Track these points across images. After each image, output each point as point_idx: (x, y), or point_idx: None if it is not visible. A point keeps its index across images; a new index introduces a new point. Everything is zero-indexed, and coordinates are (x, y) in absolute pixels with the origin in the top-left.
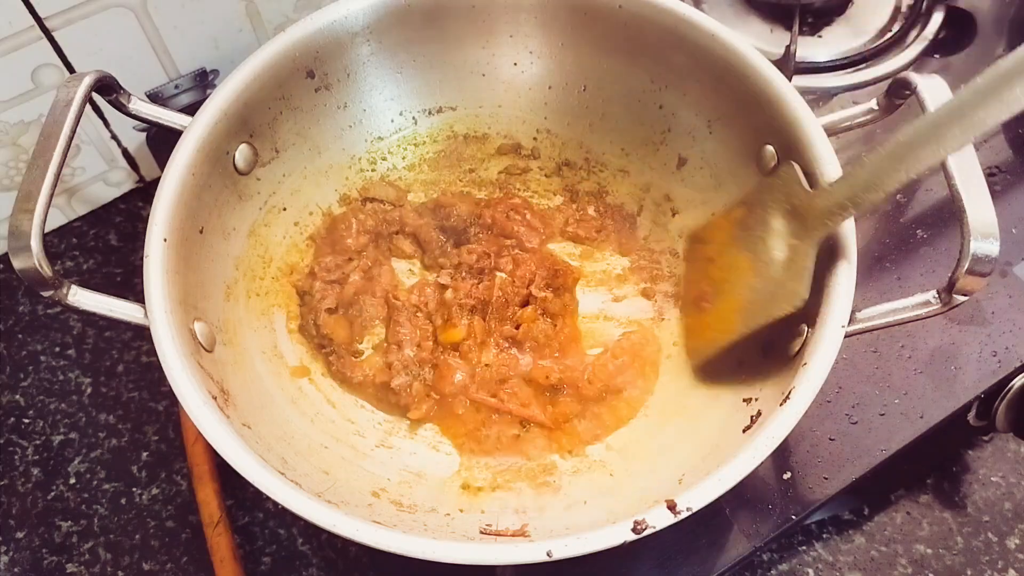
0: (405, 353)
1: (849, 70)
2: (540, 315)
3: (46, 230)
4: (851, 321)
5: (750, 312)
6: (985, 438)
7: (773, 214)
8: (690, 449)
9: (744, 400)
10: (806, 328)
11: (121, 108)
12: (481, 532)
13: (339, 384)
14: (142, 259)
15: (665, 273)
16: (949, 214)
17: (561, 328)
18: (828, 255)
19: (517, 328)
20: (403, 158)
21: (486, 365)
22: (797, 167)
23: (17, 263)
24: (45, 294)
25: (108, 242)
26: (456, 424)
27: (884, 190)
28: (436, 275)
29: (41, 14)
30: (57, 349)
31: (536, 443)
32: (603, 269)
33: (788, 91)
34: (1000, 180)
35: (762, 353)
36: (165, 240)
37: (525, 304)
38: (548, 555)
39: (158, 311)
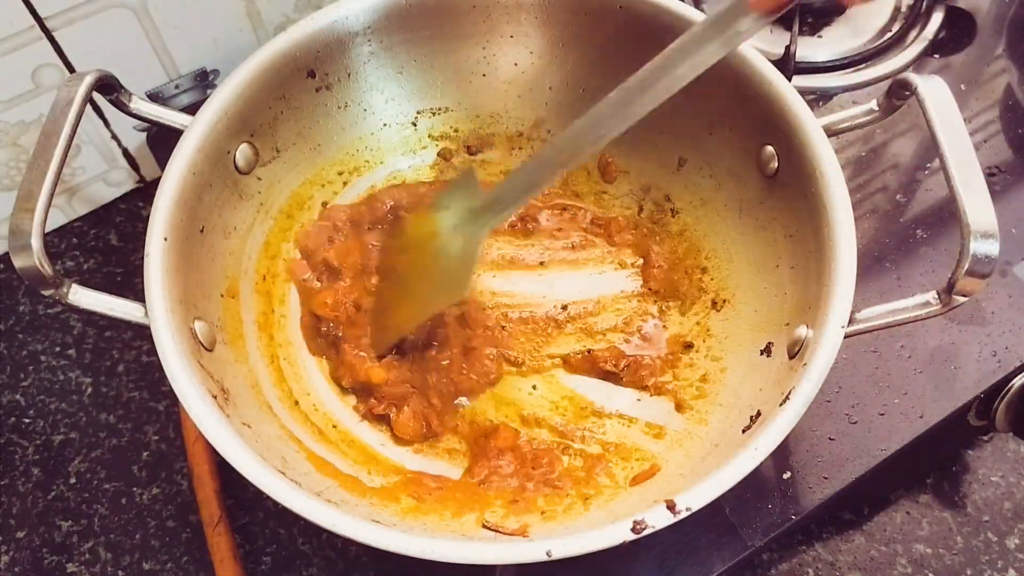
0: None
1: (849, 70)
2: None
3: (47, 230)
4: (851, 322)
5: (424, 303)
6: (985, 438)
7: (453, 211)
8: (690, 449)
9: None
10: (806, 328)
11: (122, 107)
12: (483, 527)
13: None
14: (142, 259)
15: (665, 274)
16: (949, 214)
17: None
18: (828, 255)
19: None
20: (404, 158)
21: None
22: (474, 170)
23: (18, 262)
24: (46, 293)
25: (108, 242)
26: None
27: (537, 189)
28: None
29: (41, 14)
30: (57, 349)
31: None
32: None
33: (788, 91)
34: (1000, 180)
35: (762, 353)
36: (166, 239)
37: None
38: (548, 555)
39: (158, 310)
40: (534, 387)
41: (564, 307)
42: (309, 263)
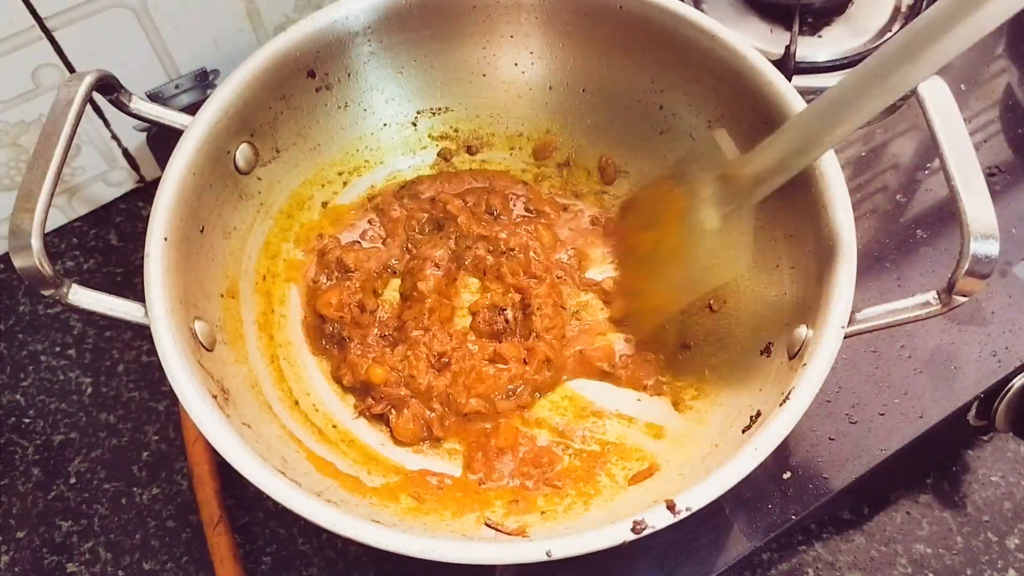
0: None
1: (849, 70)
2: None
3: (46, 230)
4: (851, 322)
5: (689, 282)
6: (985, 438)
7: (703, 183)
8: (690, 449)
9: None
10: (806, 328)
11: (122, 108)
12: (485, 524)
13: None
14: (142, 259)
15: None
16: (949, 214)
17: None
18: (828, 255)
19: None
20: (404, 158)
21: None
22: (723, 134)
23: (18, 262)
24: (46, 293)
25: (108, 242)
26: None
27: (811, 154)
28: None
29: (41, 14)
30: (57, 349)
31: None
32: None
33: (788, 91)
34: (1000, 180)
35: (761, 353)
36: (166, 239)
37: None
38: (548, 555)
39: (158, 310)
40: None
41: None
42: (319, 262)
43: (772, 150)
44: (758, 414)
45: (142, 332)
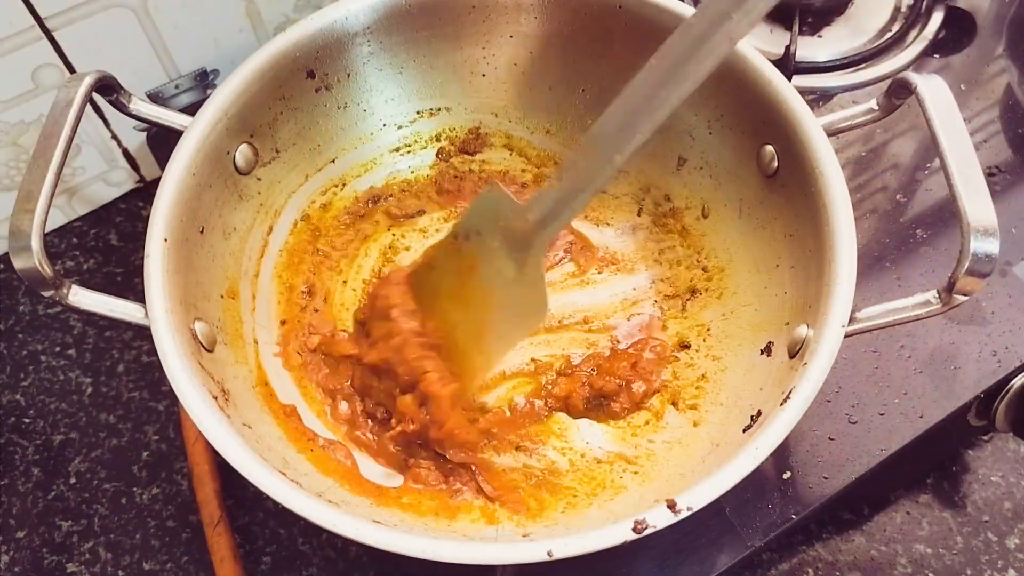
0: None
1: (849, 70)
2: None
3: (46, 230)
4: (851, 321)
5: (503, 334)
6: (985, 438)
7: (490, 235)
8: (690, 449)
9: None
10: (806, 328)
11: (122, 108)
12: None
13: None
14: (142, 259)
15: (666, 273)
16: (949, 214)
17: None
18: (828, 255)
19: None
20: (404, 158)
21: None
22: (500, 184)
23: (18, 263)
24: (45, 294)
25: (108, 242)
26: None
27: (591, 188)
28: None
29: (41, 14)
30: (57, 349)
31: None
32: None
33: (788, 91)
34: (1000, 180)
35: (762, 353)
36: (166, 240)
37: None
38: (548, 555)
39: (158, 311)
40: None
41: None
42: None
43: (550, 193)
44: (758, 414)
45: (142, 332)
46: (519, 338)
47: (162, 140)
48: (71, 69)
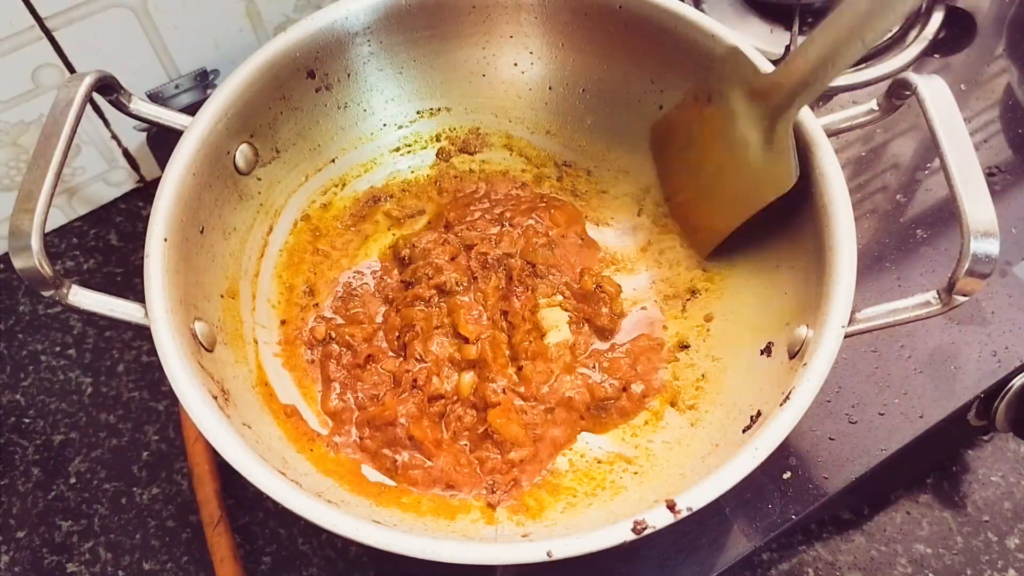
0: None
1: (849, 70)
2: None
3: (46, 230)
4: (851, 321)
5: (739, 200)
6: (985, 438)
7: (735, 100)
8: (690, 449)
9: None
10: (806, 328)
11: (122, 108)
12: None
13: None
14: (142, 259)
15: (666, 274)
16: (949, 214)
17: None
18: (828, 255)
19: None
20: (404, 158)
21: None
22: (745, 49)
23: (18, 262)
24: (45, 293)
25: (108, 242)
26: None
27: (843, 62)
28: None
29: (41, 14)
30: (57, 349)
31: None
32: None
33: None
34: (1000, 180)
35: (762, 353)
36: (166, 240)
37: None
38: (548, 555)
39: (158, 310)
40: None
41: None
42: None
43: (802, 61)
44: (758, 414)
45: (142, 332)
46: (760, 204)
47: (162, 140)
48: (71, 69)
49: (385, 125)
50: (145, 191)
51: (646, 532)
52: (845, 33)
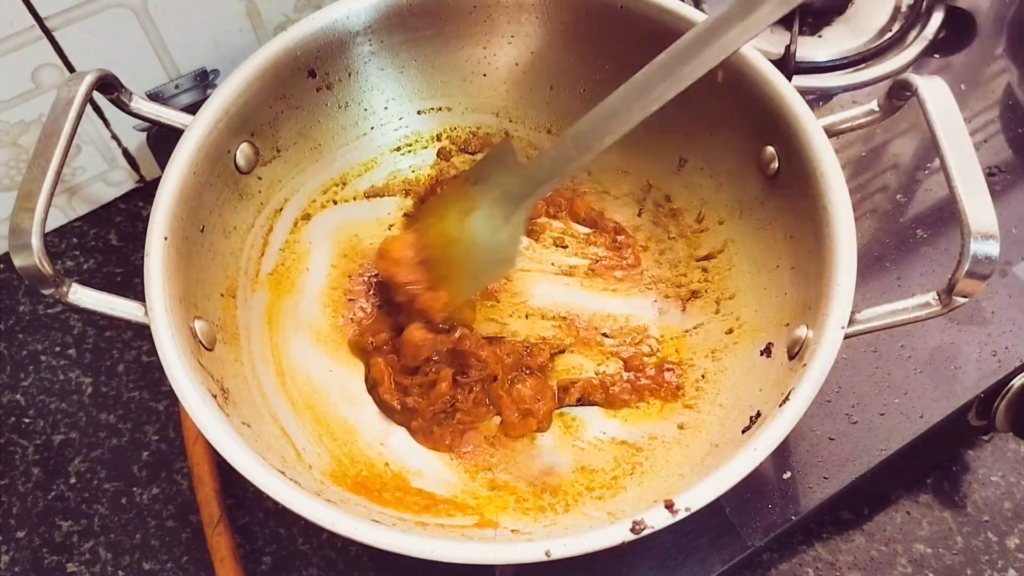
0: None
1: (849, 70)
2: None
3: (47, 230)
4: (851, 322)
5: (477, 274)
6: (985, 438)
7: (493, 185)
8: (690, 449)
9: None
10: (806, 329)
11: (122, 107)
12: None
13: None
14: (142, 259)
15: (666, 274)
16: (949, 214)
17: None
18: (828, 255)
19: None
20: (404, 157)
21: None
22: (511, 141)
23: (18, 261)
24: (46, 292)
25: (108, 242)
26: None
27: (582, 158)
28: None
29: (41, 14)
30: (57, 349)
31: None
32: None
33: (788, 91)
34: (1000, 180)
35: (761, 354)
36: (166, 238)
37: None
38: (547, 555)
39: (158, 309)
40: None
41: (564, 317)
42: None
43: (548, 156)
44: (758, 414)
45: (142, 332)
46: (489, 280)
47: (162, 140)
48: (71, 69)
49: (386, 124)
50: (145, 191)
51: (645, 532)
52: (587, 131)
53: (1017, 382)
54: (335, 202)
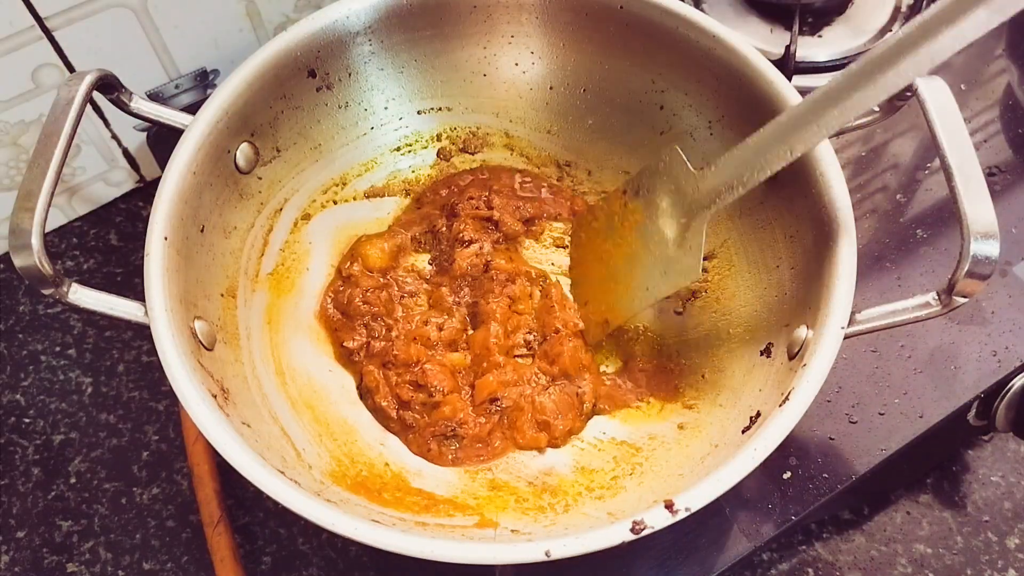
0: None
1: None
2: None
3: (47, 230)
4: (851, 322)
5: (642, 289)
6: (985, 438)
7: (661, 195)
8: (690, 449)
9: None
10: (806, 329)
11: (123, 107)
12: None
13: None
14: (142, 259)
15: None
16: (949, 214)
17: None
18: (828, 255)
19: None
20: (404, 157)
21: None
22: (679, 150)
23: (18, 261)
24: (46, 292)
25: (108, 242)
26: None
27: (768, 169)
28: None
29: (41, 14)
30: (57, 349)
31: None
32: None
33: (788, 91)
34: (1000, 180)
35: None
36: (166, 238)
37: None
38: (547, 555)
39: (158, 309)
40: None
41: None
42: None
43: (728, 166)
44: (758, 414)
45: (142, 332)
46: (664, 293)
47: (162, 140)
48: (71, 69)
49: (386, 124)
50: (145, 191)
51: (644, 532)
52: (773, 140)
53: (1017, 382)
54: (335, 202)
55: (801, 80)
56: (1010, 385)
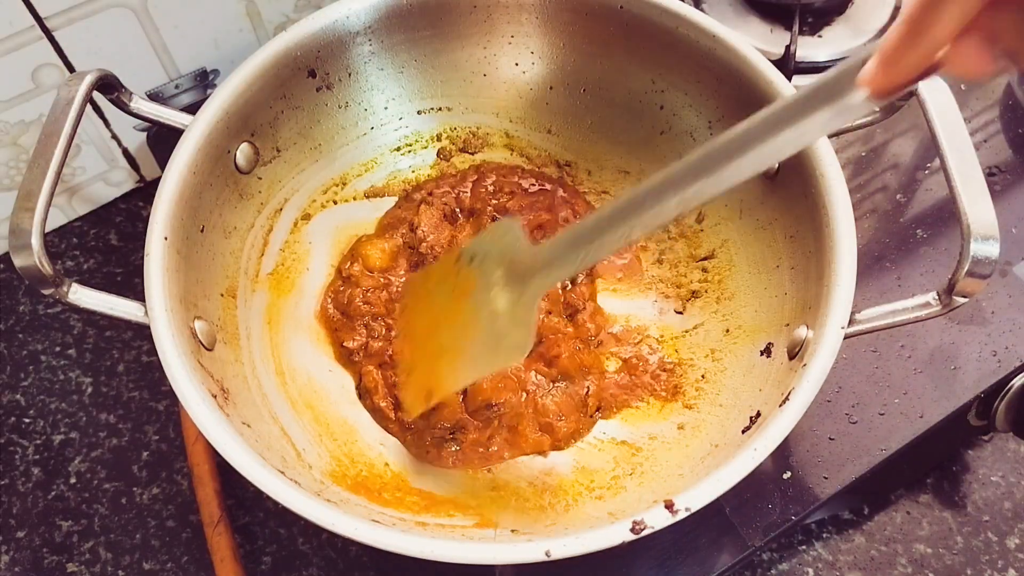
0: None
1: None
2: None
3: (47, 230)
4: (851, 322)
5: (474, 362)
6: (985, 438)
7: (494, 265)
8: (690, 449)
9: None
10: (806, 329)
11: (123, 107)
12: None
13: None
14: (142, 259)
15: (666, 274)
16: (949, 214)
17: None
18: (828, 255)
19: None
20: (404, 157)
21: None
22: (518, 222)
23: (18, 261)
24: (46, 292)
25: (108, 242)
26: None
27: (605, 250)
28: None
29: (41, 14)
30: (58, 349)
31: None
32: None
33: (788, 91)
34: (1000, 180)
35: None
36: (166, 238)
37: None
38: (546, 555)
39: (158, 309)
40: None
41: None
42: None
43: (564, 242)
44: (758, 414)
45: (142, 332)
46: (491, 369)
47: (162, 140)
48: (71, 69)
49: (386, 124)
50: (145, 191)
51: (644, 532)
52: (612, 222)
53: (1017, 382)
54: (335, 202)
55: (801, 80)
56: (1010, 385)
